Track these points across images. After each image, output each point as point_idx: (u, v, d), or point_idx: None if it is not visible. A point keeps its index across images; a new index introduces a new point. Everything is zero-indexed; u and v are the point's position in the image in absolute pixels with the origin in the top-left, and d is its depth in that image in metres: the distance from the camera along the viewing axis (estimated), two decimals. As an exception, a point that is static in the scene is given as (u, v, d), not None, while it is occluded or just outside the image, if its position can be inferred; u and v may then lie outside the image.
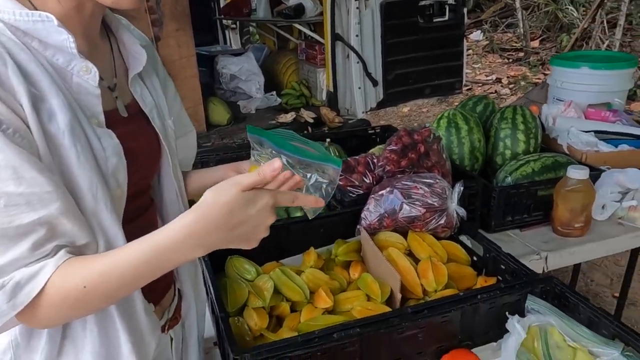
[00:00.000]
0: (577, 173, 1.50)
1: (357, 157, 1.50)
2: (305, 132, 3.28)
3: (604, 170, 1.68)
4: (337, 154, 1.84)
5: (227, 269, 1.23)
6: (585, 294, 2.79)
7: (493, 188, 1.56)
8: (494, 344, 1.08)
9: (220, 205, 0.65)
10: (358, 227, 1.33)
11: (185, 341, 1.00)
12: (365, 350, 0.95)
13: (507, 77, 6.02)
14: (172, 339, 0.94)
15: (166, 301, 0.92)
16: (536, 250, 1.51)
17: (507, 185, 1.59)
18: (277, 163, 0.67)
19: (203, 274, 1.13)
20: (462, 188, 1.28)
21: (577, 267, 2.60)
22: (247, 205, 0.66)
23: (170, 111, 0.97)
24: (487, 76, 6.16)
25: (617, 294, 2.39)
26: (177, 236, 0.66)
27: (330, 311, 1.12)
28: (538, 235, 1.60)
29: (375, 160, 1.47)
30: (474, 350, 1.07)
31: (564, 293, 1.06)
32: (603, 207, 1.66)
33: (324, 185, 0.86)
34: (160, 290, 0.90)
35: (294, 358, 0.88)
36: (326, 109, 3.68)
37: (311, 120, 3.55)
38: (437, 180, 1.27)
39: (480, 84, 5.95)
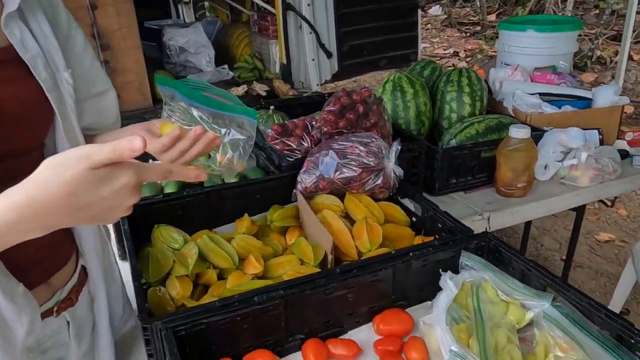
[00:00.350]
0: (518, 132, 1.49)
1: (295, 120, 1.43)
2: (257, 105, 3.18)
3: (547, 131, 1.67)
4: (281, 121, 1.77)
5: (154, 238, 1.15)
6: (535, 258, 2.85)
7: (436, 150, 1.53)
8: (429, 302, 1.05)
9: (59, 183, 0.52)
10: (294, 191, 1.27)
11: (97, 325, 0.92)
12: (291, 314, 0.90)
13: (465, 50, 6.04)
14: (68, 323, 0.85)
15: (58, 280, 0.83)
16: (479, 211, 1.49)
17: (450, 147, 1.56)
18: (137, 143, 0.53)
19: (123, 243, 1.05)
20: (399, 147, 1.23)
21: (526, 233, 2.65)
22: (98, 186, 0.54)
23: (75, 64, 0.87)
24: (445, 50, 6.16)
25: (565, 257, 2.44)
26: (6, 218, 0.52)
27: (260, 277, 1.06)
28: (482, 196, 1.59)
29: (313, 123, 1.40)
30: (409, 310, 1.04)
31: (498, 248, 1.04)
32: (546, 167, 1.66)
33: (242, 143, 0.80)
34: (47, 267, 0.81)
35: (211, 325, 0.82)
36: (279, 82, 3.58)
37: (264, 94, 3.45)
38: (374, 139, 1.22)
39: (438, 58, 5.95)
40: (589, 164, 1.63)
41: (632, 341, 0.79)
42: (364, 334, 0.98)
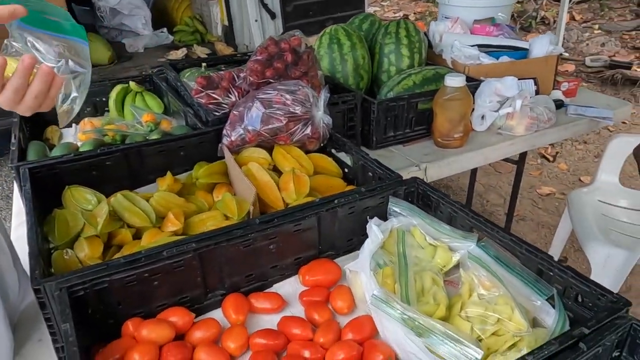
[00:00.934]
0: (453, 81, 1.46)
1: (221, 72, 1.35)
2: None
3: (483, 81, 1.66)
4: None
5: (65, 200, 1.06)
6: (481, 213, 2.91)
7: (372, 102, 1.48)
8: (358, 252, 1.02)
9: None
10: (220, 145, 1.20)
11: None
12: (208, 268, 0.84)
13: (414, 13, 6.00)
14: None
15: None
16: (416, 162, 1.47)
17: (386, 99, 1.52)
18: None
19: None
20: (328, 95, 1.18)
21: (471, 189, 2.69)
22: None
23: None
24: (395, 13, 6.10)
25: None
26: None
27: (181, 235, 1.00)
28: (420, 149, 1.57)
29: (240, 74, 1.32)
30: (338, 260, 1.01)
31: (426, 192, 1.01)
32: (482, 117, 1.65)
33: (80, 81, 0.69)
34: None
35: (115, 283, 0.76)
36: (222, 45, 3.43)
37: (205, 57, 3.30)
38: (301, 87, 1.16)
39: (388, 21, 5.88)
40: (524, 113, 1.63)
41: (551, 273, 0.78)
42: (290, 287, 0.94)
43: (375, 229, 0.90)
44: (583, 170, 3.26)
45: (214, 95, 1.31)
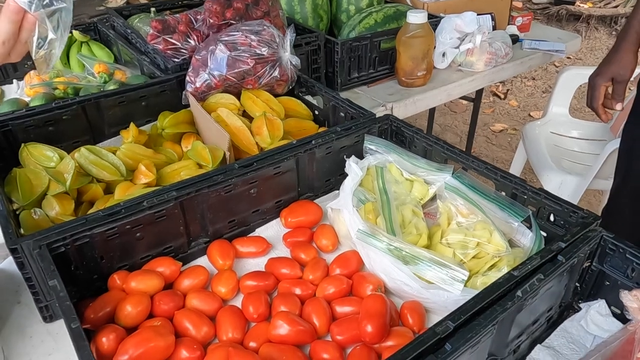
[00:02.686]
0: (416, 17, 1.45)
1: (177, 15, 1.27)
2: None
3: (443, 17, 1.65)
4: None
5: (23, 159, 0.99)
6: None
7: (335, 42, 1.45)
8: (337, 192, 1.03)
9: None
10: (184, 93, 1.15)
11: None
12: (190, 216, 0.83)
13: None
14: None
15: None
16: (382, 102, 1.47)
17: (349, 39, 1.49)
18: None
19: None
20: (294, 35, 1.14)
21: (430, 129, 2.74)
22: None
23: None
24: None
25: (464, 149, 2.57)
26: None
27: (154, 187, 0.97)
28: (384, 89, 1.57)
29: (198, 17, 1.25)
30: (317, 201, 1.01)
31: (400, 128, 1.02)
32: (443, 55, 1.66)
33: (63, 14, 0.63)
34: None
35: (96, 237, 0.73)
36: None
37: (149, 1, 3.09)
38: (265, 27, 1.11)
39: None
40: (484, 49, 1.65)
41: (525, 196, 0.82)
42: (273, 230, 0.95)
43: (354, 167, 0.91)
44: (532, 106, 3.39)
45: (171, 40, 1.24)
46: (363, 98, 1.51)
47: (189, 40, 1.24)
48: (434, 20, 1.63)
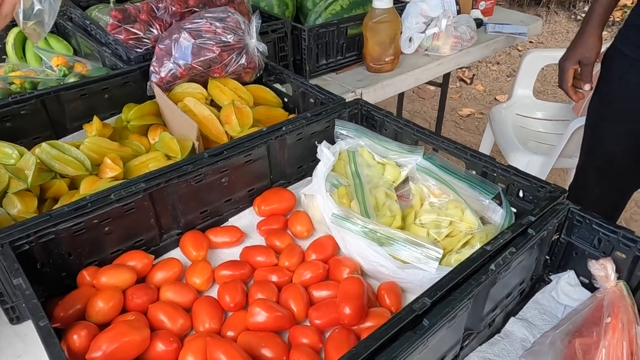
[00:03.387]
0: (381, 2, 1.45)
1: (137, 4, 1.23)
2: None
3: (409, 2, 1.66)
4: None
5: (-21, 158, 0.95)
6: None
7: (302, 29, 1.44)
8: (309, 178, 1.03)
9: None
10: (149, 83, 1.12)
11: None
12: (160, 208, 0.81)
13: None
14: None
15: None
16: (351, 88, 1.47)
17: (315, 25, 1.48)
18: None
19: None
20: (260, 21, 1.12)
21: (399, 115, 2.76)
22: None
23: None
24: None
25: (433, 133, 2.60)
26: None
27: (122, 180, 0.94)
28: (353, 75, 1.56)
29: (160, 5, 1.22)
30: (290, 188, 1.01)
31: (370, 112, 1.02)
32: (410, 39, 1.67)
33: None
34: None
35: (62, 233, 0.71)
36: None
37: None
38: (230, 14, 1.09)
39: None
40: (449, 33, 1.67)
41: (495, 174, 0.84)
42: (246, 219, 0.94)
43: (326, 152, 0.90)
44: (498, 90, 3.46)
45: (133, 30, 1.20)
46: (332, 85, 1.51)
47: (152, 29, 1.21)
48: (400, 5, 1.64)
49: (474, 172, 0.87)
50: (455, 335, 0.62)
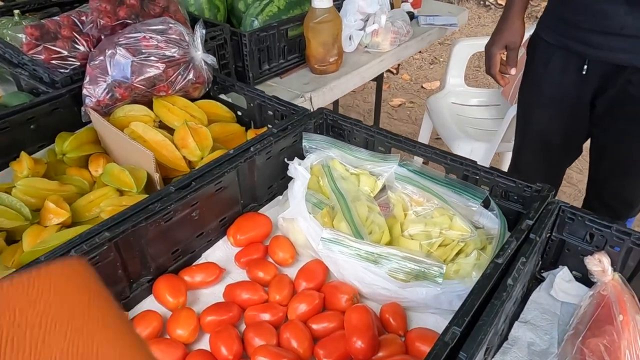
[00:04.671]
0: (321, 2, 1.40)
1: (56, 18, 1.08)
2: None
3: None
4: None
5: None
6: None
7: (242, 34, 1.35)
8: (280, 197, 0.97)
9: None
10: (83, 109, 0.99)
11: None
12: (128, 256, 0.71)
13: None
14: None
15: None
16: (299, 93, 1.41)
17: (255, 29, 1.40)
18: None
19: None
20: (204, 31, 1.03)
21: (335, 111, 2.74)
22: None
23: None
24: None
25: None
26: None
27: (70, 225, 0.82)
28: (298, 78, 1.51)
29: (83, 18, 1.08)
30: (262, 211, 0.94)
31: (337, 121, 0.98)
32: (350, 38, 1.64)
33: None
34: None
35: (16, 306, 0.59)
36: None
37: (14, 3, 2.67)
38: (171, 25, 0.98)
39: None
40: (387, 28, 1.66)
41: (477, 177, 0.82)
42: (221, 251, 0.85)
43: (301, 169, 0.84)
44: (423, 78, 3.55)
45: (54, 48, 1.05)
46: (279, 90, 1.44)
47: (77, 46, 1.07)
48: (336, 3, 1.60)
49: (454, 177, 0.85)
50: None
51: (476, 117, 2.10)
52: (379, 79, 2.35)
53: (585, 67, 1.10)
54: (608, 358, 0.58)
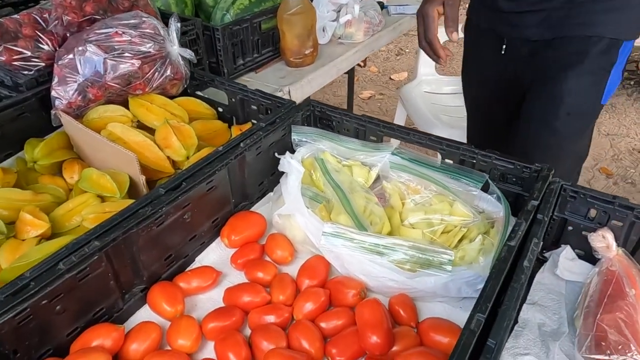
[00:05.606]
0: (294, -8, 1.36)
1: (15, 16, 1.00)
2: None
3: (316, -10, 1.59)
4: None
5: None
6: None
7: (214, 28, 1.30)
8: (271, 193, 0.93)
9: None
10: (53, 112, 0.92)
11: None
12: (119, 265, 0.66)
13: None
14: None
15: None
16: (277, 87, 1.38)
17: (227, 23, 1.35)
18: None
19: None
20: (179, 24, 0.97)
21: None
22: None
23: None
24: None
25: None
26: None
27: (50, 237, 0.76)
28: (274, 72, 1.47)
29: (46, 15, 1.01)
30: (254, 209, 0.90)
31: (326, 112, 0.95)
32: (323, 29, 1.61)
33: None
34: None
35: (4, 328, 0.53)
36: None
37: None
38: (144, 19, 0.93)
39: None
40: (361, 19, 1.64)
41: (474, 161, 0.81)
42: (215, 254, 0.81)
43: (294, 164, 0.81)
44: (391, 69, 3.57)
45: (16, 48, 0.98)
46: (255, 85, 1.36)
47: (41, 45, 1.00)
48: (308, -5, 1.57)
49: (451, 162, 0.84)
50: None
51: (449, 104, 2.11)
52: (350, 72, 2.33)
53: (504, 46, 1.13)
54: (627, 331, 0.58)
